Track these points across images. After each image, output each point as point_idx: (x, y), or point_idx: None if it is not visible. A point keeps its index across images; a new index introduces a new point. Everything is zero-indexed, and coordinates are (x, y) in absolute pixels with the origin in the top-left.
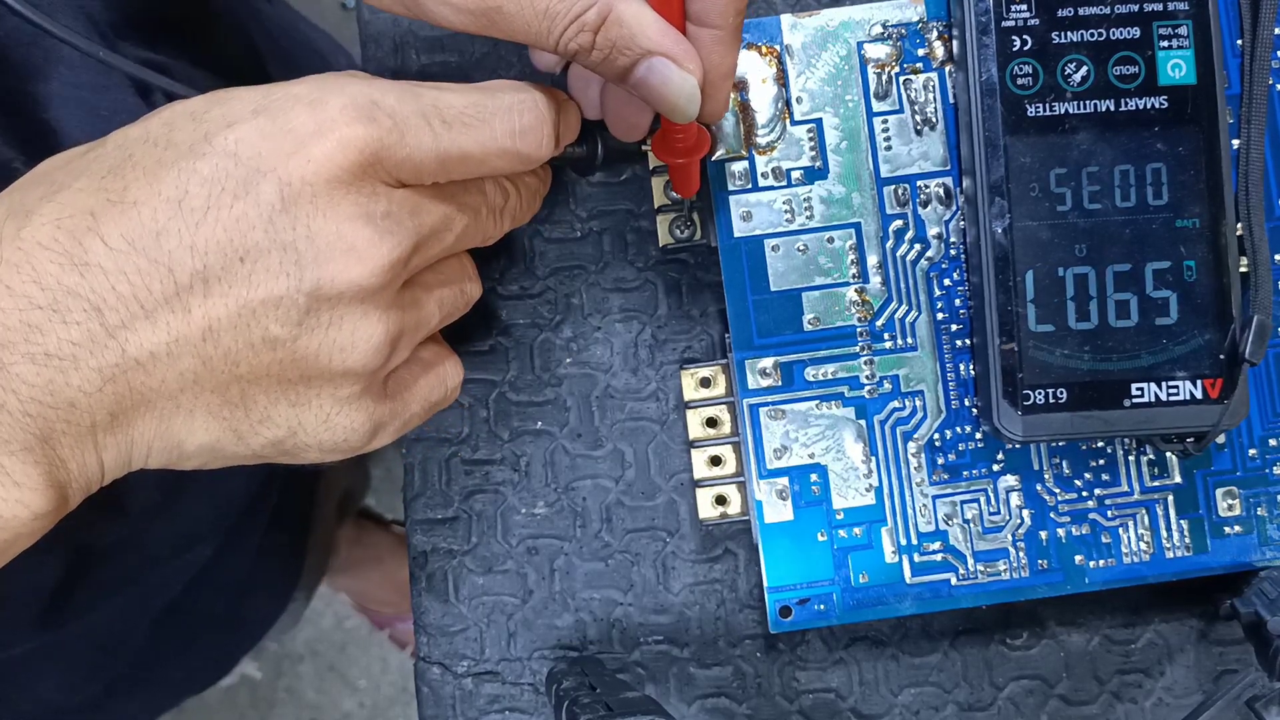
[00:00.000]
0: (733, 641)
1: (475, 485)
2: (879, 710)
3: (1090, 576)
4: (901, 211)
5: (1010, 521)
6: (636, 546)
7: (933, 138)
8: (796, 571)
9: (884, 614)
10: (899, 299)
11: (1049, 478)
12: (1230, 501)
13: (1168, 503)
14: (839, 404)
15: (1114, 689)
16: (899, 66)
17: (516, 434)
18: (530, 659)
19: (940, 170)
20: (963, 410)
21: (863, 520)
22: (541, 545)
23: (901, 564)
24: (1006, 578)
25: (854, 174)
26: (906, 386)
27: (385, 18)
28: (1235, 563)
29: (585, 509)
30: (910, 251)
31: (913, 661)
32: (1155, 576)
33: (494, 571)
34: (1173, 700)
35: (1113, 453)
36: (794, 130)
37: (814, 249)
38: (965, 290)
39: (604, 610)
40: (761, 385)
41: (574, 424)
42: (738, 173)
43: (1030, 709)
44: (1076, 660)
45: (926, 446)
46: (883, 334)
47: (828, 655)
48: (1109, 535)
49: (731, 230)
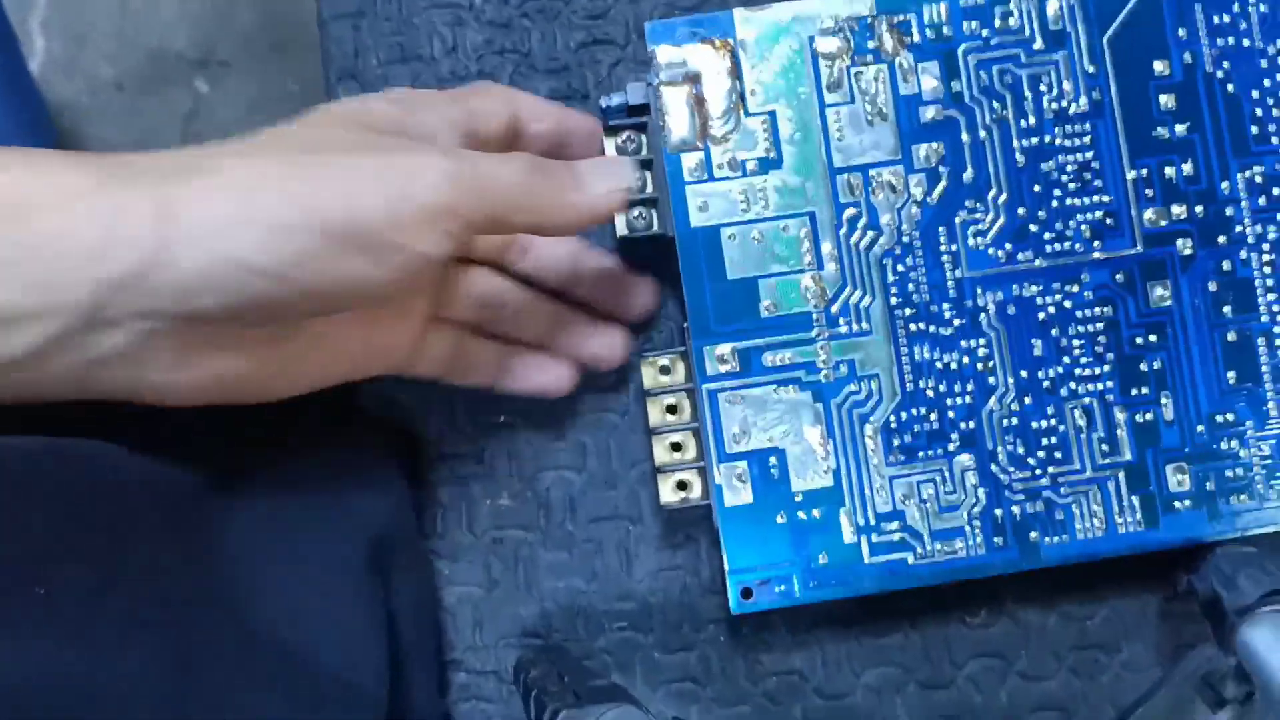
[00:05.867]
0: (696, 626)
1: (440, 478)
2: (842, 690)
3: (1045, 553)
4: (854, 200)
5: (966, 500)
6: (599, 535)
7: (884, 128)
8: (757, 554)
9: (843, 593)
10: (853, 285)
11: (1003, 456)
12: (1180, 477)
13: (1119, 479)
14: (796, 388)
15: (1072, 665)
16: (850, 60)
17: (481, 428)
18: (495, 648)
19: (891, 160)
20: (918, 393)
21: (821, 502)
22: (506, 536)
23: (860, 544)
24: (963, 555)
25: (807, 164)
26: (862, 370)
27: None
28: (1187, 538)
29: (549, 499)
30: (864, 239)
31: (875, 642)
32: (1109, 552)
33: (459, 561)
34: (1130, 676)
35: (1065, 431)
36: (748, 122)
37: (769, 237)
38: (917, 275)
39: (568, 598)
40: (720, 371)
41: (537, 417)
42: (694, 164)
43: (990, 686)
44: (1034, 637)
45: (883, 428)
46: (838, 319)
47: (791, 638)
48: (1063, 512)
49: (688, 220)
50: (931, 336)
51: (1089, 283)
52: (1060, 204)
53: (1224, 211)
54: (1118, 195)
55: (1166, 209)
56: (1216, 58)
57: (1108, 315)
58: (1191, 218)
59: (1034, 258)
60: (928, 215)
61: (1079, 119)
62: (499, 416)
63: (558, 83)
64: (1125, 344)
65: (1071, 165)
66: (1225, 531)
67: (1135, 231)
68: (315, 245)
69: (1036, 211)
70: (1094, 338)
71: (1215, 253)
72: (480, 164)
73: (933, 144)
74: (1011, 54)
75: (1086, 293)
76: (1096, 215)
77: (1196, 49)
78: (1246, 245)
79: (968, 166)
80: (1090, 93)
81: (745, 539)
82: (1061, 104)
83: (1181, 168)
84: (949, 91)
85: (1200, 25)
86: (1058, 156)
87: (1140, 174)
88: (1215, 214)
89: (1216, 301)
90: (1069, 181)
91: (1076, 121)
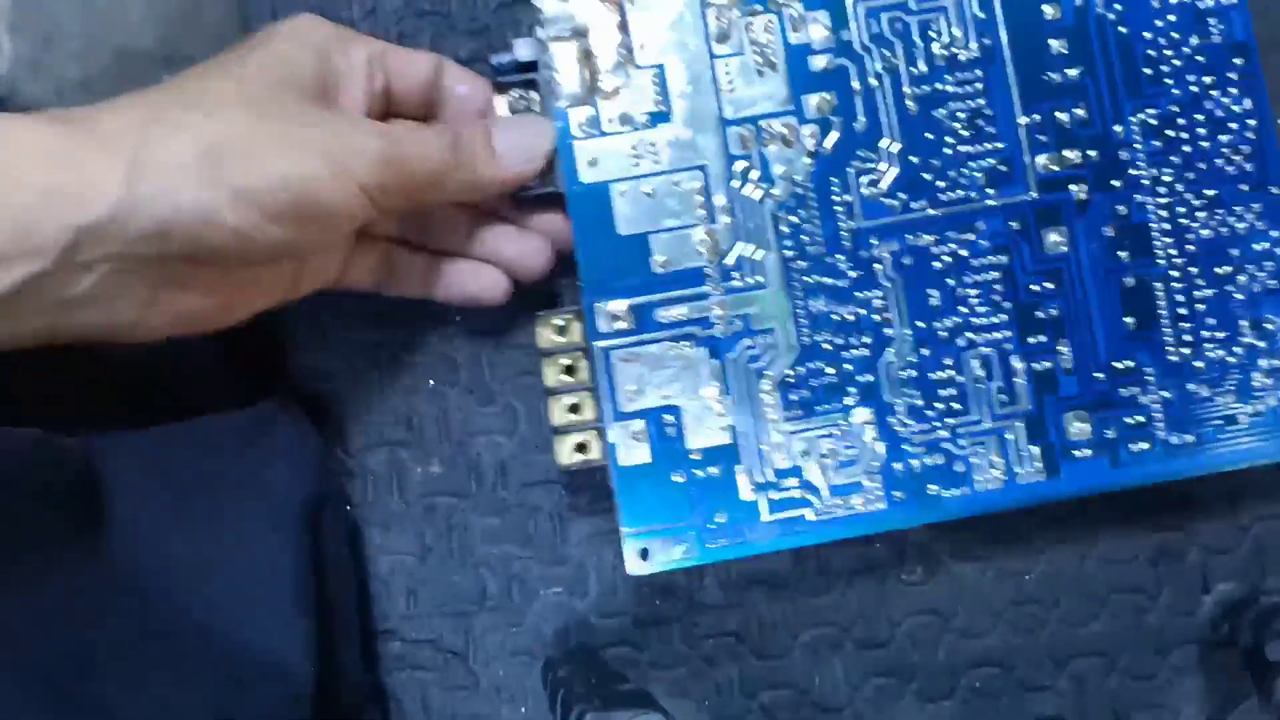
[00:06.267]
0: (632, 591)
1: (369, 445)
2: (779, 652)
3: (945, 506)
4: (746, 152)
5: (865, 455)
6: (533, 500)
7: (774, 79)
8: (654, 513)
9: (743, 552)
10: (747, 238)
11: (901, 409)
12: (1079, 425)
13: (1018, 429)
14: (691, 344)
15: (1010, 620)
16: (739, 10)
17: (409, 393)
18: (430, 616)
19: (782, 110)
20: (814, 346)
21: (718, 459)
22: (438, 503)
23: (758, 502)
24: (862, 511)
25: (698, 117)
26: (757, 324)
27: None
28: (1088, 486)
29: (480, 465)
30: (757, 191)
31: (810, 602)
32: (1009, 504)
33: (391, 530)
34: (1068, 629)
35: (963, 382)
36: (638, 76)
37: (661, 192)
38: (812, 227)
39: (502, 565)
40: (614, 329)
41: (465, 382)
42: (583, 120)
43: (927, 643)
44: (971, 594)
45: (780, 384)
46: (732, 273)
47: (725, 599)
48: (962, 464)
49: (578, 176)
50: (827, 289)
51: (984, 231)
52: (954, 152)
53: (1118, 155)
54: (1011, 142)
55: (1060, 154)
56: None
57: (1003, 263)
58: (1086, 162)
59: (928, 206)
60: (821, 166)
61: (970, 65)
62: (428, 382)
63: (477, 43)
64: (1022, 291)
65: (963, 112)
66: (1131, 481)
67: (1029, 178)
68: (269, 209)
69: (930, 160)
70: (990, 286)
71: (1110, 197)
72: (406, 145)
73: (824, 94)
74: (900, 1)
75: (982, 241)
76: (990, 162)
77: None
78: (1142, 189)
79: (859, 116)
80: (981, 39)
81: (642, 499)
82: (952, 50)
83: (1075, 112)
84: (839, 40)
85: None
86: (949, 104)
87: (1033, 119)
88: (1109, 158)
89: (1113, 247)
90: (961, 129)
91: (967, 68)
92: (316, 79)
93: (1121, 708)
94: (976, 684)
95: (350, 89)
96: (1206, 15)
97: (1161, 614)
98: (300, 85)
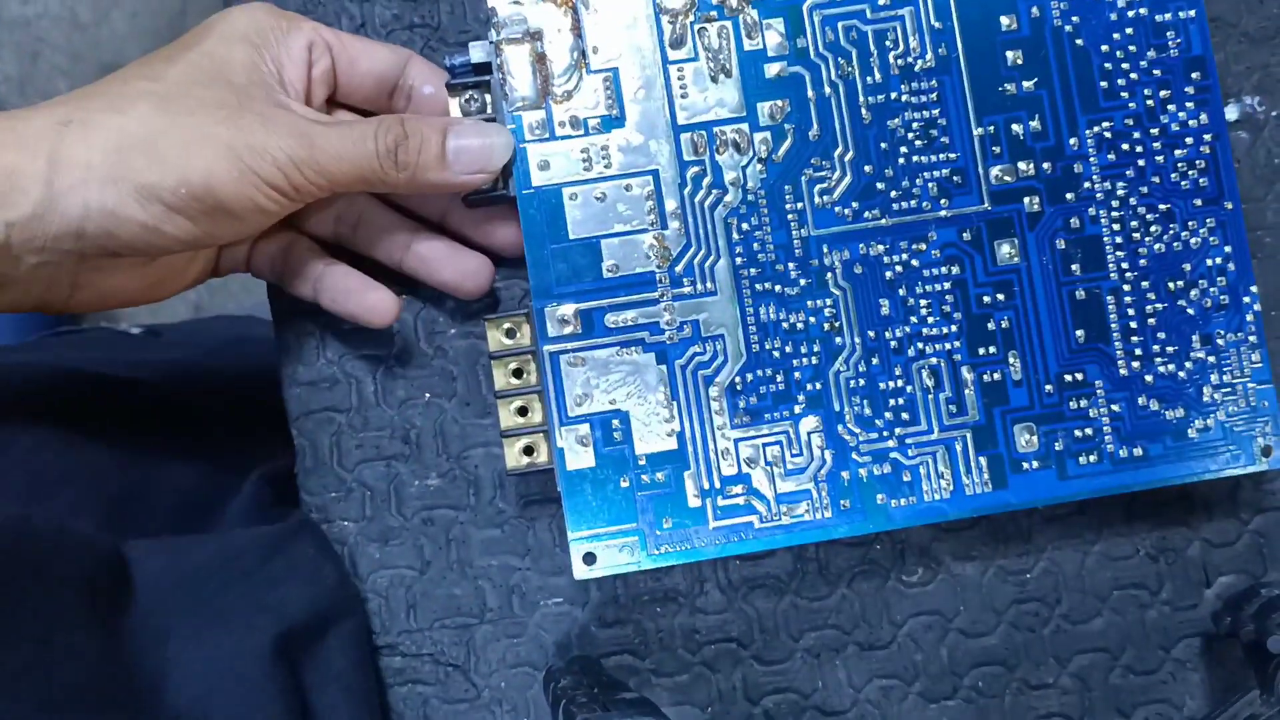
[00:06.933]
0: (632, 597)
1: (366, 461)
2: (781, 656)
3: (891, 515)
4: (699, 158)
5: (812, 463)
6: (531, 511)
7: (728, 85)
8: (600, 517)
9: (687, 558)
10: (698, 244)
11: (850, 418)
12: (1028, 437)
13: (966, 440)
14: (639, 350)
15: (1011, 619)
16: (694, 15)
17: (404, 407)
18: (430, 630)
19: (736, 117)
20: (763, 353)
21: (665, 465)
22: (436, 516)
23: (705, 508)
24: (808, 518)
25: (651, 122)
26: (707, 331)
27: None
28: (1036, 498)
29: (478, 477)
30: (708, 197)
31: (811, 605)
32: (957, 514)
33: (390, 544)
34: (1070, 627)
35: (912, 392)
36: (590, 80)
37: (613, 196)
38: (763, 234)
39: (502, 576)
40: (562, 333)
41: (461, 393)
42: (535, 123)
43: (929, 644)
44: (972, 593)
45: (728, 390)
46: (682, 279)
47: (726, 604)
48: (910, 474)
49: (529, 179)
50: (777, 296)
51: (936, 241)
52: (907, 161)
53: (1072, 168)
54: (965, 152)
55: (1014, 166)
56: (1065, 12)
57: (955, 274)
58: (1039, 174)
59: (881, 216)
60: (773, 173)
61: (925, 75)
62: (424, 395)
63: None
64: (973, 303)
65: (918, 123)
66: (1075, 493)
67: (983, 189)
68: (174, 205)
69: (883, 169)
70: (941, 297)
71: (1063, 209)
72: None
73: (777, 101)
74: (857, 9)
75: (934, 251)
76: (944, 173)
77: (1044, 3)
78: (1095, 202)
79: (813, 124)
80: (937, 49)
81: (588, 503)
82: (908, 60)
83: (1029, 124)
84: (794, 47)
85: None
86: (904, 114)
87: (987, 130)
88: (1063, 170)
89: (1065, 259)
90: (915, 139)
91: (923, 78)
92: (248, 72)
93: (1125, 703)
94: (980, 683)
95: (288, 78)
96: (1165, 29)
97: (1163, 609)
98: (227, 80)
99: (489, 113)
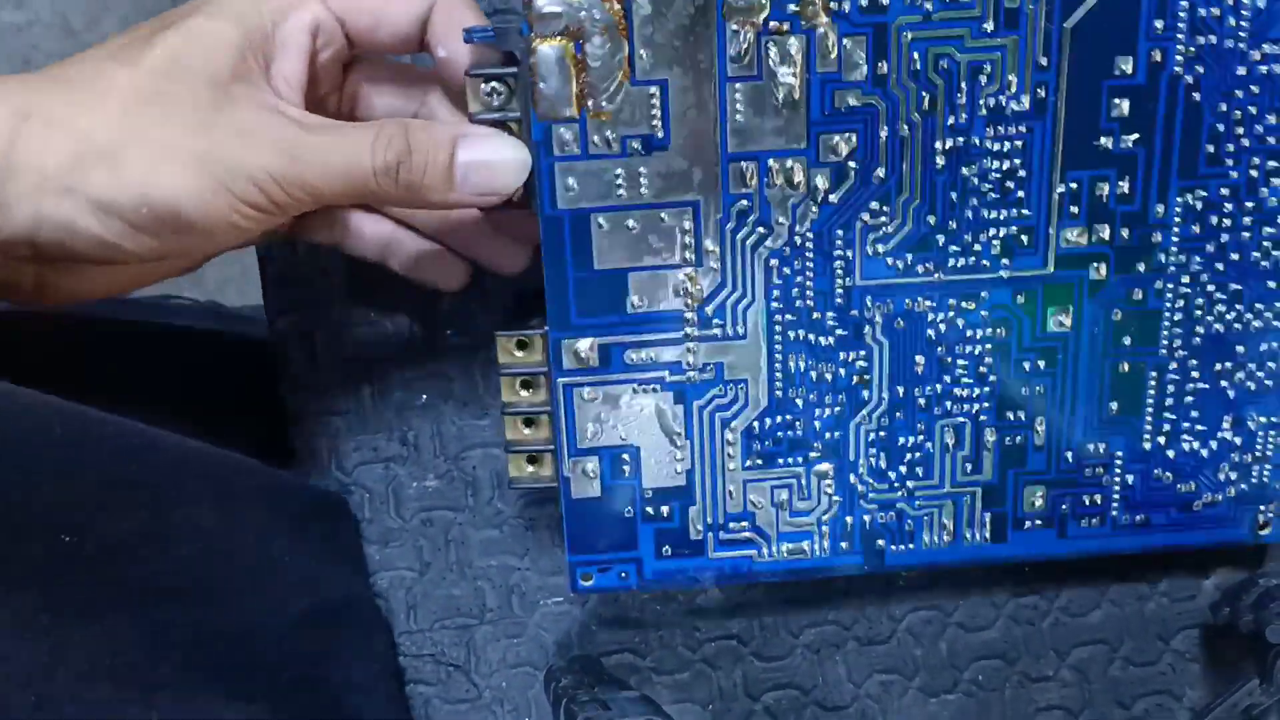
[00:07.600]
0: (631, 597)
1: (365, 463)
2: (781, 652)
3: (889, 559)
4: (746, 191)
5: (818, 507)
6: (530, 511)
7: (792, 111)
8: (600, 544)
9: (685, 586)
10: (733, 285)
11: (864, 469)
12: (1037, 499)
13: (975, 497)
14: (658, 388)
15: (1010, 612)
16: (763, 24)
17: (402, 409)
18: (431, 630)
19: (795, 149)
20: (786, 401)
21: (671, 500)
22: (435, 517)
23: (706, 540)
24: (808, 558)
25: (697, 146)
26: (730, 375)
27: None
28: (1032, 553)
29: (476, 478)
30: (751, 236)
31: (810, 601)
32: (952, 563)
33: (389, 546)
34: (1070, 619)
35: (930, 448)
36: (634, 92)
37: (645, 227)
38: (804, 279)
39: (501, 577)
40: (578, 366)
41: (459, 394)
42: (566, 137)
43: (929, 638)
44: (971, 586)
45: (744, 433)
46: (712, 320)
47: (726, 602)
48: (912, 524)
49: (555, 200)
50: (809, 345)
51: (987, 301)
52: (974, 215)
53: (1150, 237)
54: (1039, 210)
55: (1088, 229)
56: (1190, 60)
57: (1000, 337)
58: (1114, 240)
59: (934, 271)
60: (825, 214)
61: (1015, 119)
62: (421, 397)
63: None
64: (1013, 368)
65: (995, 173)
66: (1072, 551)
67: (1049, 251)
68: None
69: (947, 221)
70: (980, 359)
71: (1129, 280)
72: (308, 160)
73: (845, 134)
74: (955, 35)
75: (983, 312)
76: (1011, 230)
77: (1169, 46)
78: (1165, 275)
79: (881, 164)
80: (1035, 89)
81: (589, 529)
82: (1000, 99)
83: (1116, 185)
84: (873, 74)
85: (1182, 16)
86: (983, 160)
87: (1069, 188)
88: (1140, 239)
89: (1117, 331)
90: (989, 191)
91: (1013, 123)
92: (236, 57)
93: (1125, 695)
94: (980, 677)
95: (286, 63)
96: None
97: (1162, 600)
98: (210, 71)
99: (513, 108)
